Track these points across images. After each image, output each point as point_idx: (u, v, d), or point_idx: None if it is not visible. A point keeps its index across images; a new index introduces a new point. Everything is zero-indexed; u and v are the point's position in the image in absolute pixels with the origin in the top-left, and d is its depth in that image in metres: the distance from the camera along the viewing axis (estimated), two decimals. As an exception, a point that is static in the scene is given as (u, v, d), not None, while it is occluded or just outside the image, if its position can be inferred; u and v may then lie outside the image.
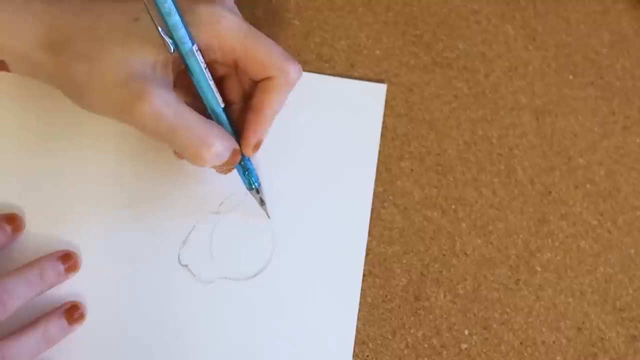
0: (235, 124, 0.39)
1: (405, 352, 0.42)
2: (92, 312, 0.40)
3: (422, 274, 0.44)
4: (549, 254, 0.45)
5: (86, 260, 0.41)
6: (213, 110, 0.38)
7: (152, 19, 0.34)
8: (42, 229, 0.41)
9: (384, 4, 0.49)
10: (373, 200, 0.44)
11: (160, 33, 0.34)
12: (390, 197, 0.45)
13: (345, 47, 0.47)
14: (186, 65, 0.36)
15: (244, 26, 0.37)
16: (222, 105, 0.38)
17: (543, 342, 0.43)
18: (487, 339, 0.43)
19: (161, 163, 0.42)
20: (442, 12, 0.49)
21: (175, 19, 0.34)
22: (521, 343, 0.43)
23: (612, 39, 0.50)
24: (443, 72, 0.48)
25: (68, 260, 0.40)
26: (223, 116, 0.38)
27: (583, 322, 0.44)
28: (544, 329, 0.43)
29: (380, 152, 0.45)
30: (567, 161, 0.47)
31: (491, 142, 0.47)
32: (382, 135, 0.45)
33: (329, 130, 0.45)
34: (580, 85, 0.49)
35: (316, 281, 0.42)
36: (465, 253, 0.44)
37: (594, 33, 0.50)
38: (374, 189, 0.44)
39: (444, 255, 0.44)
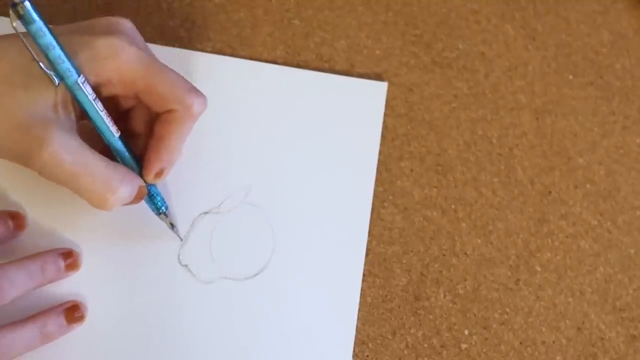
0: (141, 153, 0.38)
1: (405, 352, 0.42)
2: (92, 312, 0.40)
3: (422, 274, 0.44)
4: (549, 254, 0.45)
5: (86, 259, 0.41)
6: (109, 141, 0.37)
7: (32, 55, 0.33)
8: (42, 228, 0.41)
9: (383, 4, 0.49)
10: (373, 200, 0.44)
11: (41, 67, 0.33)
12: (390, 197, 0.45)
13: (345, 47, 0.47)
14: (75, 99, 0.35)
15: (145, 59, 0.36)
16: (117, 134, 0.37)
17: (543, 342, 0.43)
18: (487, 339, 0.43)
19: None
20: (442, 12, 0.49)
21: (55, 52, 0.33)
22: (521, 343, 0.43)
23: (612, 39, 0.50)
24: (443, 72, 0.48)
25: (69, 257, 0.40)
26: (120, 145, 0.37)
27: (583, 322, 0.44)
28: (544, 329, 0.43)
29: (380, 152, 0.45)
30: (567, 161, 0.47)
31: (491, 142, 0.47)
32: (382, 135, 0.45)
33: (329, 129, 0.45)
34: (580, 85, 0.49)
35: (316, 281, 0.42)
36: (465, 253, 0.44)
37: (594, 33, 0.50)
38: (374, 189, 0.44)
39: (444, 255, 0.44)
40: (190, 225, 0.42)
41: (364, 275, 0.43)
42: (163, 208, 0.40)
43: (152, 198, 0.40)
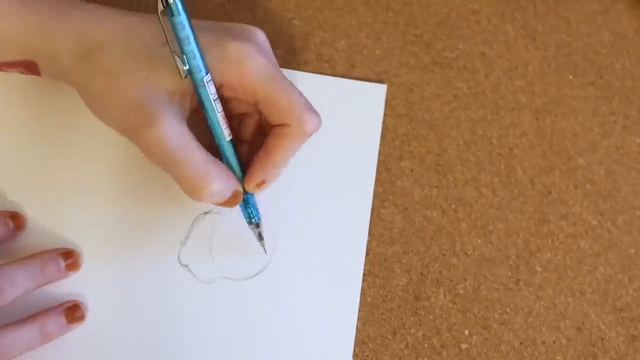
0: (246, 160, 0.39)
1: (405, 352, 0.42)
2: (92, 312, 0.40)
3: (422, 274, 0.44)
4: (549, 254, 0.45)
5: (86, 259, 0.41)
6: (219, 143, 0.37)
7: (169, 44, 0.34)
8: (42, 229, 0.41)
9: (384, 4, 0.49)
10: (373, 200, 0.44)
11: (174, 57, 0.34)
12: (390, 197, 0.45)
13: (345, 47, 0.47)
14: (197, 94, 0.36)
15: (270, 69, 0.36)
16: (229, 138, 0.37)
17: (543, 342, 0.43)
18: (487, 339, 0.43)
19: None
20: (442, 12, 0.49)
21: (190, 47, 0.34)
22: (521, 343, 0.43)
23: (612, 39, 0.50)
24: (443, 72, 0.48)
25: (69, 257, 0.40)
26: (229, 149, 0.37)
27: (583, 322, 0.44)
28: (544, 329, 0.43)
29: (380, 152, 0.45)
30: (567, 161, 0.47)
31: (491, 142, 0.47)
32: (382, 135, 0.45)
33: (329, 130, 0.45)
34: (580, 85, 0.49)
35: (316, 281, 0.42)
36: (465, 253, 0.44)
37: (594, 33, 0.50)
38: (374, 189, 0.44)
39: (444, 255, 0.44)
40: (190, 225, 0.42)
41: (364, 275, 0.43)
42: (256, 218, 0.40)
43: (247, 206, 0.40)
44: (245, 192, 0.39)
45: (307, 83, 0.46)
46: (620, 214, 0.46)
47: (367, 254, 0.43)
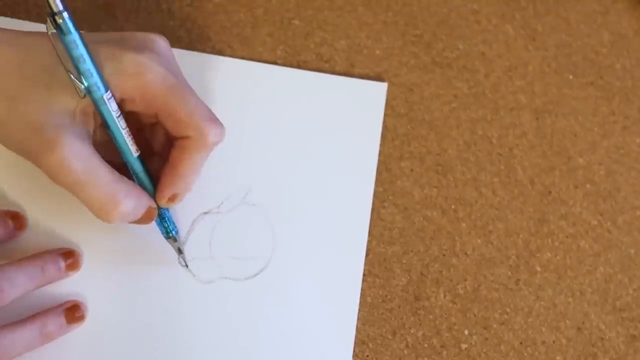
0: (157, 173, 0.38)
1: (405, 352, 0.42)
2: (91, 312, 0.40)
3: (422, 274, 0.44)
4: (549, 254, 0.45)
5: (86, 259, 0.41)
6: (127, 159, 0.37)
7: (63, 65, 0.33)
8: (43, 229, 0.41)
9: (384, 4, 0.49)
10: (373, 200, 0.44)
11: (71, 78, 0.33)
12: (390, 197, 0.45)
13: (345, 47, 0.47)
14: (99, 112, 0.35)
15: (170, 80, 0.35)
16: (136, 154, 0.37)
17: (543, 342, 0.43)
18: (487, 339, 0.43)
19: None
20: (442, 12, 0.49)
21: (86, 65, 0.33)
22: (521, 343, 0.43)
23: (612, 39, 0.50)
24: (443, 72, 0.48)
25: (69, 257, 0.40)
26: (137, 165, 0.37)
27: (583, 322, 0.44)
28: (544, 329, 0.43)
29: (380, 152, 0.45)
30: (567, 161, 0.47)
31: (491, 142, 0.47)
32: (382, 135, 0.45)
33: (329, 129, 0.45)
34: (580, 85, 0.49)
35: (316, 281, 0.42)
36: (465, 253, 0.44)
37: (594, 33, 0.50)
38: (374, 189, 0.44)
39: (444, 255, 0.44)
40: (190, 226, 0.42)
41: (364, 275, 0.43)
42: (173, 232, 0.40)
43: (162, 221, 0.39)
44: (159, 207, 0.38)
45: (307, 82, 0.46)
46: (620, 214, 0.46)
47: (367, 254, 0.43)
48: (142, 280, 0.41)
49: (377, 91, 0.46)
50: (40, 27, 0.33)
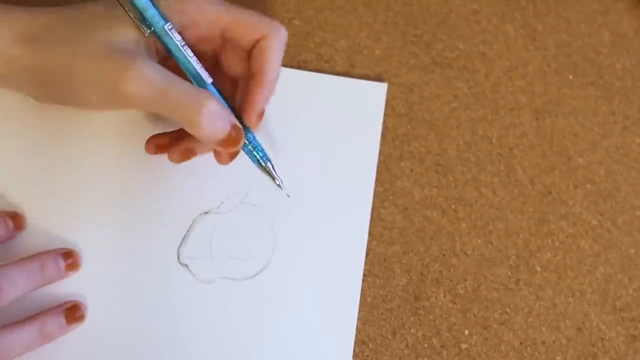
0: (232, 102, 0.38)
1: (405, 352, 0.42)
2: (91, 311, 0.40)
3: (422, 274, 0.44)
4: (549, 254, 0.45)
5: (86, 259, 0.41)
6: (202, 86, 0.36)
7: (122, 5, 0.34)
8: (42, 229, 0.41)
9: (384, 4, 0.49)
10: (373, 200, 0.44)
11: (130, 17, 0.34)
12: (390, 197, 0.45)
13: (345, 47, 0.47)
14: (164, 46, 0.35)
15: None
16: (210, 80, 0.37)
17: (543, 342, 0.43)
18: (487, 339, 0.43)
19: (162, 163, 0.42)
20: (442, 12, 0.49)
21: (142, 1, 0.34)
22: (521, 343, 0.43)
23: (612, 39, 0.50)
24: (443, 72, 0.48)
25: (69, 257, 0.40)
26: (213, 91, 0.37)
27: (583, 322, 0.44)
28: (544, 329, 0.43)
29: (380, 152, 0.45)
30: (567, 161, 0.47)
31: (491, 142, 0.47)
32: (382, 135, 0.45)
33: (329, 130, 0.45)
34: (580, 85, 0.49)
35: (316, 281, 0.42)
36: (465, 253, 0.44)
37: (594, 33, 0.50)
38: (374, 189, 0.44)
39: (444, 255, 0.44)
40: (190, 225, 0.42)
41: (364, 275, 0.43)
42: (265, 159, 0.38)
43: (254, 148, 0.38)
44: (247, 134, 0.38)
45: (307, 82, 0.46)
46: (620, 214, 0.46)
47: (367, 254, 0.43)
48: (142, 280, 0.41)
49: (377, 92, 0.46)
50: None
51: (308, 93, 0.45)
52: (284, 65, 0.46)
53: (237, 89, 0.39)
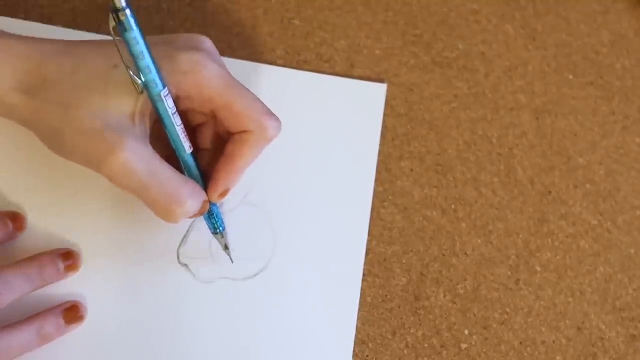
0: (205, 169, 0.38)
1: (405, 352, 0.42)
2: (91, 312, 0.40)
3: (422, 274, 0.44)
4: (549, 254, 0.45)
5: (86, 259, 0.41)
6: (180, 156, 0.37)
7: (123, 61, 0.33)
8: (42, 229, 0.41)
9: (383, 4, 0.49)
10: (373, 200, 0.44)
11: (130, 74, 0.33)
12: (390, 197, 0.45)
13: (345, 47, 0.47)
14: (156, 109, 0.35)
15: (226, 77, 0.36)
16: (190, 150, 0.37)
17: (543, 342, 0.43)
18: (487, 339, 0.43)
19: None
20: (442, 12, 0.49)
21: (145, 62, 0.33)
22: (521, 343, 0.43)
23: (612, 39, 0.50)
24: (443, 72, 0.48)
25: (69, 258, 0.40)
26: (191, 161, 0.37)
27: (583, 322, 0.44)
28: (544, 329, 0.43)
29: (380, 152, 0.45)
30: (567, 161, 0.47)
31: (491, 142, 0.47)
32: (382, 135, 0.45)
33: (329, 130, 0.45)
34: (580, 85, 0.49)
35: (316, 281, 0.42)
36: (465, 253, 0.44)
37: (594, 33, 0.50)
38: (374, 189, 0.44)
39: (444, 255, 0.44)
40: (190, 225, 0.42)
41: (364, 275, 0.43)
42: (221, 229, 0.40)
43: (211, 217, 0.39)
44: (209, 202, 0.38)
45: (307, 82, 0.46)
46: (620, 214, 0.46)
47: (367, 254, 0.43)
48: (142, 281, 0.41)
49: (377, 92, 0.46)
50: (41, 27, 0.33)
51: (308, 94, 0.45)
52: (284, 65, 0.46)
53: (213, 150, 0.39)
